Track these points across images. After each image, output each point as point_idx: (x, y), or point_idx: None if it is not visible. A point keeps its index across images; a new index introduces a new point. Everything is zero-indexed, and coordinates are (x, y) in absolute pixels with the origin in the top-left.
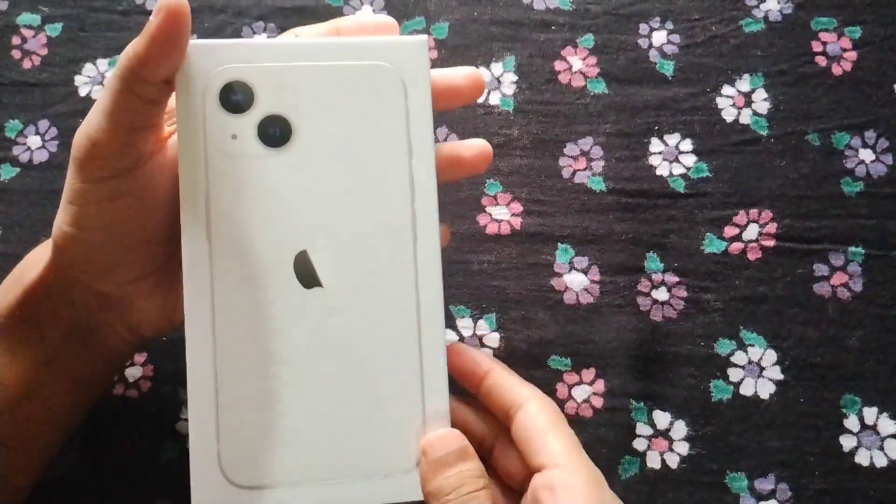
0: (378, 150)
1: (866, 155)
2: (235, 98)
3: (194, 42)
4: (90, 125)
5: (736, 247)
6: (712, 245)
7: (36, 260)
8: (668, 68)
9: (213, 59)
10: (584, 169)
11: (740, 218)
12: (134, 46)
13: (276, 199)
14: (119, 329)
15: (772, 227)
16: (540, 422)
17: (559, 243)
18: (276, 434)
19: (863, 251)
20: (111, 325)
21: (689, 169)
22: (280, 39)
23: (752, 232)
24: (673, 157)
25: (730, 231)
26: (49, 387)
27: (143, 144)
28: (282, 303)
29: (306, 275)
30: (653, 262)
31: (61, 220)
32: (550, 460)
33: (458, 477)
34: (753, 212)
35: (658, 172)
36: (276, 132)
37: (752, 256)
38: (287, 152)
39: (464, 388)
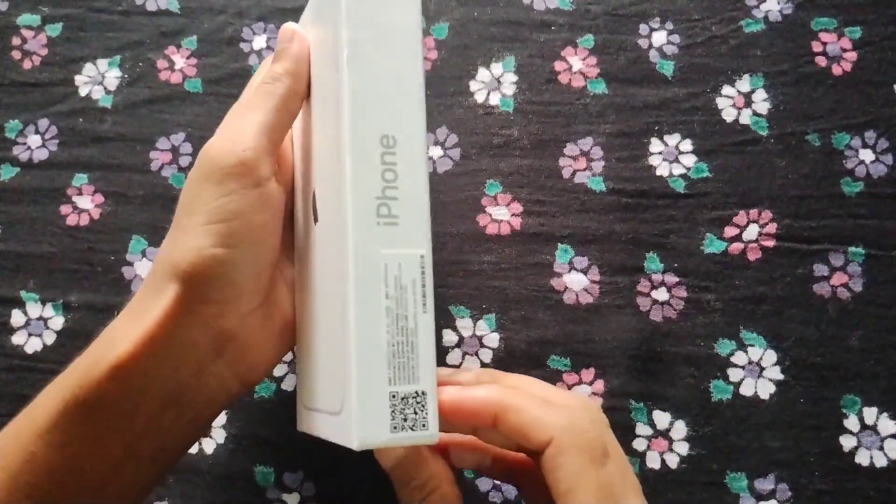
0: (328, 83)
1: (866, 155)
2: None
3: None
4: (241, 140)
5: (736, 247)
6: (712, 245)
7: (115, 339)
8: (668, 68)
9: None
10: (584, 169)
11: (740, 218)
12: (289, 65)
13: (305, 145)
14: (227, 379)
15: (772, 228)
16: (564, 475)
17: (559, 243)
18: (308, 360)
19: (863, 251)
20: (219, 376)
21: (689, 169)
22: None
23: (752, 232)
24: (673, 158)
25: (730, 231)
26: (131, 473)
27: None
28: (309, 232)
29: (315, 210)
30: (653, 262)
31: (203, 243)
32: None
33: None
34: (753, 212)
35: (658, 173)
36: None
37: (752, 256)
38: (308, 102)
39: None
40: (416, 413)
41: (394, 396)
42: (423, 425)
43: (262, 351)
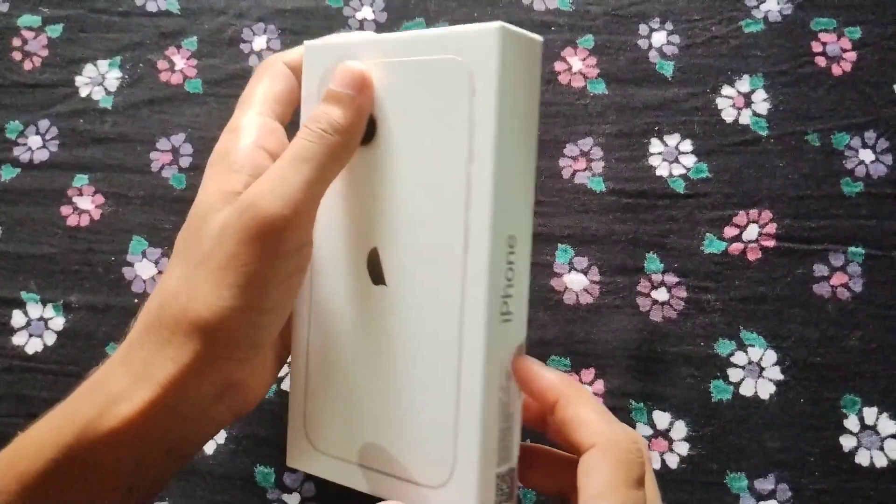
0: (440, 152)
1: (866, 155)
2: None
3: (314, 42)
4: (291, 198)
5: (736, 247)
6: (712, 245)
7: (117, 395)
8: (667, 69)
9: (328, 56)
10: (584, 169)
11: (740, 218)
12: (354, 119)
13: (362, 193)
14: (224, 418)
15: (772, 228)
16: (593, 484)
17: (559, 244)
18: (346, 414)
19: (863, 251)
20: (218, 417)
21: (689, 169)
22: (388, 34)
23: (752, 232)
24: (673, 158)
25: (730, 231)
26: None
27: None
28: (358, 294)
29: (375, 272)
30: (652, 262)
31: (234, 304)
32: None
33: None
34: (753, 212)
35: (658, 173)
36: (367, 127)
37: (751, 257)
38: (372, 149)
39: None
40: (508, 487)
41: (498, 476)
42: (510, 496)
43: (257, 389)
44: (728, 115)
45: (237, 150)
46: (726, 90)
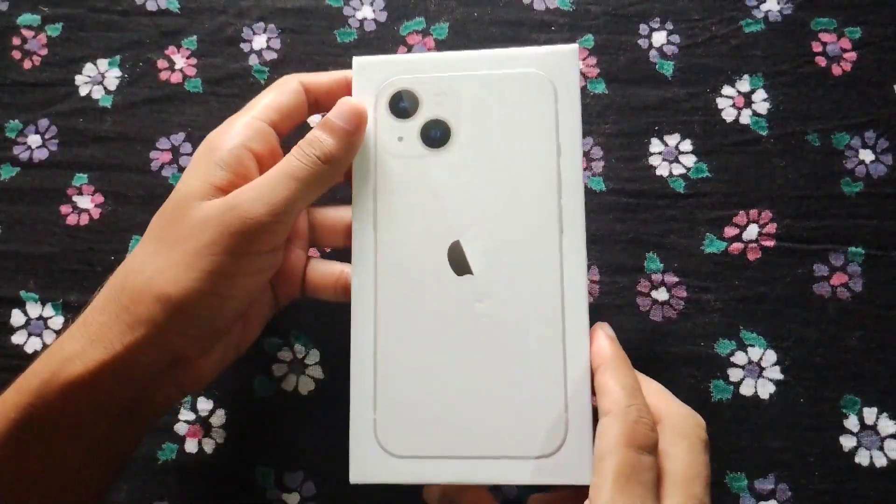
0: (529, 149)
1: (866, 155)
2: (403, 105)
3: (363, 58)
4: (273, 205)
5: (736, 247)
6: (712, 245)
7: (72, 355)
8: (667, 69)
9: (382, 72)
10: (585, 169)
11: (740, 218)
12: (333, 148)
13: (434, 194)
14: (172, 393)
15: (771, 228)
16: (601, 445)
17: None
18: (428, 409)
19: (862, 251)
20: (166, 390)
21: (688, 169)
22: (439, 53)
23: (751, 232)
24: (673, 158)
25: (730, 231)
26: (90, 478)
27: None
28: (436, 288)
29: (458, 263)
30: (652, 262)
31: (202, 286)
32: (592, 493)
33: None
34: (753, 212)
35: (658, 173)
36: (436, 134)
37: (751, 256)
38: (446, 152)
39: None
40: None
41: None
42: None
43: (206, 372)
44: (728, 115)
45: (225, 147)
46: (726, 90)
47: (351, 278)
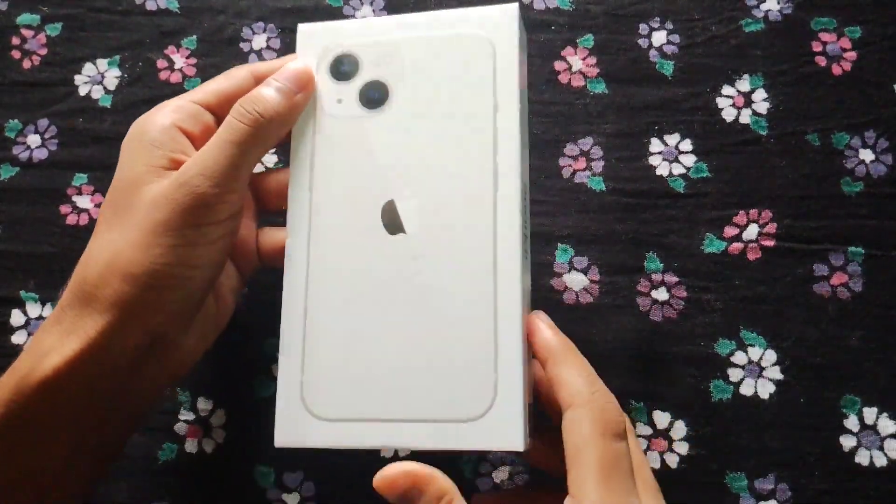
0: (466, 108)
1: (866, 155)
2: (344, 69)
3: (307, 25)
4: (216, 181)
5: (736, 247)
6: (712, 245)
7: (49, 348)
8: (667, 68)
9: (325, 38)
10: (584, 169)
11: (740, 218)
12: (270, 104)
13: (371, 155)
14: (158, 376)
15: (771, 227)
16: (574, 438)
17: (559, 243)
18: (357, 371)
19: (862, 251)
20: (151, 374)
21: (688, 169)
22: (381, 17)
23: (751, 232)
24: (673, 158)
25: (730, 231)
26: (80, 469)
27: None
28: (368, 248)
29: (392, 222)
30: (652, 262)
31: (167, 260)
32: (572, 487)
33: None
34: (753, 212)
35: (658, 172)
36: (375, 95)
37: (751, 256)
38: (383, 113)
39: None
40: (530, 422)
41: (528, 407)
42: (531, 432)
43: (189, 349)
44: (728, 115)
45: (155, 129)
46: (726, 90)
47: (286, 237)
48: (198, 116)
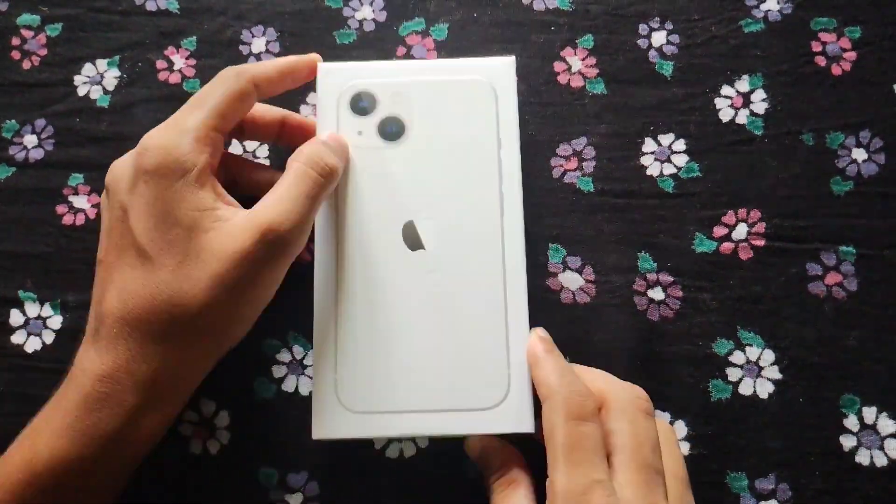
0: (473, 143)
1: (859, 154)
2: (363, 104)
3: (327, 64)
4: (297, 224)
5: (726, 246)
6: (703, 245)
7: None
8: (667, 69)
9: (344, 75)
10: (575, 169)
11: (729, 218)
12: (339, 169)
13: (391, 180)
14: (156, 424)
15: (760, 227)
16: (546, 426)
17: (549, 243)
18: (384, 369)
19: (854, 251)
20: (150, 426)
21: (679, 169)
22: (395, 61)
23: (741, 231)
24: (665, 157)
25: (719, 231)
26: None
27: None
28: (392, 261)
29: (412, 240)
30: (645, 261)
31: (246, 312)
32: (548, 468)
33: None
34: (742, 211)
35: (648, 172)
36: (392, 129)
37: (743, 256)
38: (400, 145)
39: None
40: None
41: (532, 396)
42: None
43: (187, 388)
44: (725, 115)
45: (193, 166)
46: (725, 90)
47: (315, 253)
48: (218, 146)
